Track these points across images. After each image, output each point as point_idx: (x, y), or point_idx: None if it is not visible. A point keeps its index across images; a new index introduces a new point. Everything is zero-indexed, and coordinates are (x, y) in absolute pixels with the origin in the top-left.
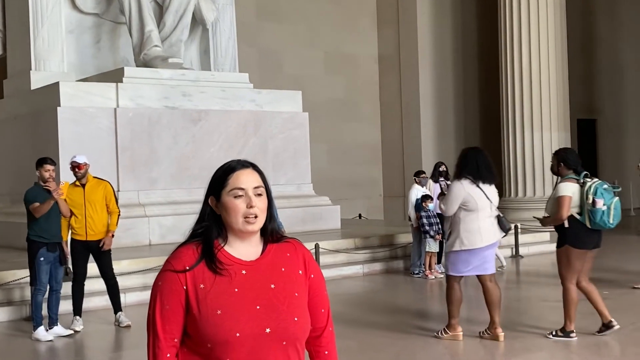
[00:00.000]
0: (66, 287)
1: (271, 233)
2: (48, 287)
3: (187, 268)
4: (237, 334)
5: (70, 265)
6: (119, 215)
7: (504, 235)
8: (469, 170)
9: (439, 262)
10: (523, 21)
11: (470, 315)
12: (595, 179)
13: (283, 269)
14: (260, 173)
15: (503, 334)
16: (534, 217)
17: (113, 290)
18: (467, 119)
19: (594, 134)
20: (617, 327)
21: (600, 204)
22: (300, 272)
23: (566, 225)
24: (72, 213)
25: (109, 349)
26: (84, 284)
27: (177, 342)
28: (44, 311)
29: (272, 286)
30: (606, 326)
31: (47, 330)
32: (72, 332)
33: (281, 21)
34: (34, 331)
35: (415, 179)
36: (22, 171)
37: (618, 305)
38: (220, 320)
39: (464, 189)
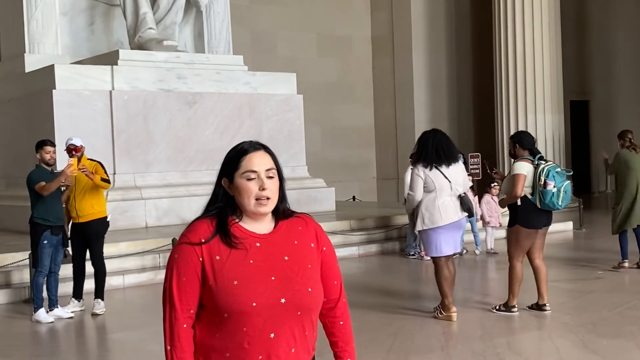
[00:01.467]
0: (63, 269)
1: (282, 212)
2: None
3: (203, 241)
4: (254, 304)
5: (69, 248)
6: (107, 181)
7: (468, 215)
8: (422, 156)
9: None
10: (517, 3)
11: (465, 296)
12: (550, 162)
13: (296, 242)
14: (272, 155)
15: (456, 313)
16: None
17: (96, 276)
18: (461, 100)
19: (587, 115)
20: (548, 312)
21: (550, 185)
22: (313, 245)
23: (519, 203)
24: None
25: (110, 330)
26: (82, 267)
27: (193, 314)
28: (44, 293)
29: (286, 258)
30: (538, 307)
31: (47, 312)
32: (72, 314)
33: (274, 3)
34: (35, 313)
35: (410, 160)
36: (17, 154)
37: (612, 285)
38: (237, 290)
39: (421, 173)
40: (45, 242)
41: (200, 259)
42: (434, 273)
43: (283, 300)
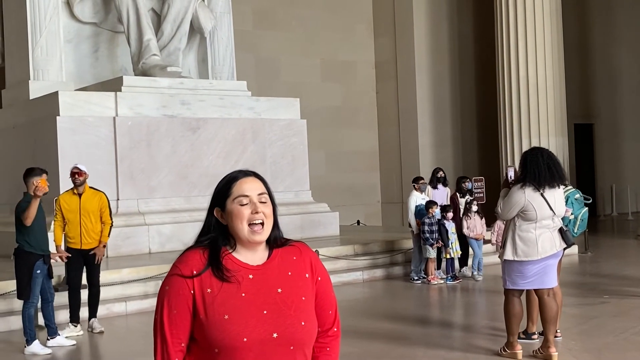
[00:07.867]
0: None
1: (275, 240)
2: (40, 299)
3: (195, 273)
4: (245, 339)
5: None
6: (111, 226)
7: (566, 248)
8: (531, 177)
9: (438, 267)
10: (520, 27)
11: (471, 321)
12: (570, 187)
13: (289, 273)
14: (263, 181)
15: (557, 353)
16: None
17: (93, 297)
18: (465, 124)
19: (591, 139)
20: (535, 340)
21: (568, 212)
22: (307, 275)
23: None
24: (65, 221)
25: (112, 358)
26: (79, 292)
27: (185, 347)
28: (40, 321)
29: (279, 290)
30: (526, 335)
31: (48, 339)
32: (74, 342)
33: (278, 29)
34: (28, 345)
35: (414, 185)
36: (21, 181)
37: (618, 310)
38: (228, 325)
39: (524, 196)
40: (38, 271)
41: (192, 292)
42: (504, 305)
43: (275, 335)
